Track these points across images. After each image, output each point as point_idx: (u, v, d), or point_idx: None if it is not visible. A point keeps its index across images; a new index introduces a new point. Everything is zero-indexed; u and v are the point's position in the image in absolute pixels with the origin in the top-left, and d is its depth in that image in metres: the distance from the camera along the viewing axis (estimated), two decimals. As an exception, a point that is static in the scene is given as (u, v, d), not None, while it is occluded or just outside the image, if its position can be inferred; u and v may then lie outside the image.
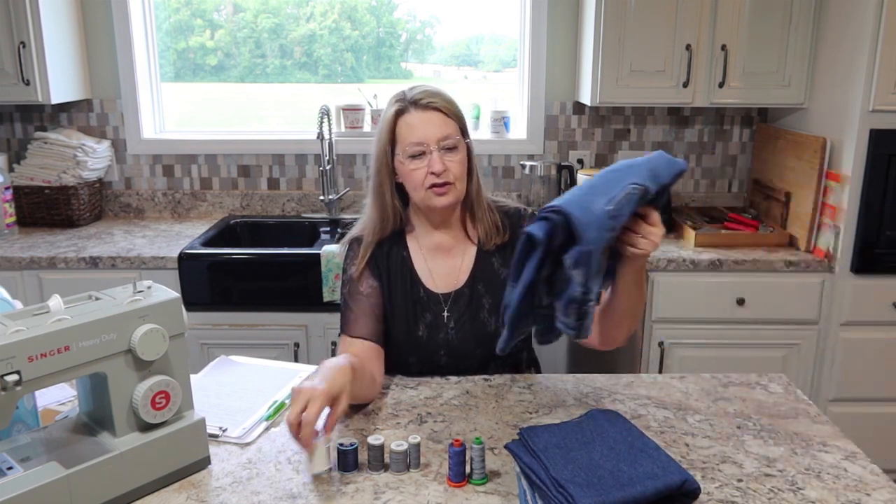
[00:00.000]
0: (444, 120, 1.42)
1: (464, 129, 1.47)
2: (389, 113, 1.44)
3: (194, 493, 1.09)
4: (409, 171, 1.42)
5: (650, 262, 2.30)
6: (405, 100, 1.43)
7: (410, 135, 1.41)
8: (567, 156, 2.86)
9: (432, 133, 1.40)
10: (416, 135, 1.41)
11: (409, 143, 1.41)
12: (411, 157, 1.41)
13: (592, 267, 1.12)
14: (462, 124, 1.46)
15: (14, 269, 2.31)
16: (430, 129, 1.41)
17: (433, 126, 1.41)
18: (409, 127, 1.42)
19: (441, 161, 1.40)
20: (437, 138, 1.40)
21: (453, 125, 1.43)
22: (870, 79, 2.16)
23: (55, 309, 1.01)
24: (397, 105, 1.43)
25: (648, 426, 1.28)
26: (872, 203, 2.25)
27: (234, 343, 2.34)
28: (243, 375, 1.48)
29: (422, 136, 1.40)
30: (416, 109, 1.42)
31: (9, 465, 0.99)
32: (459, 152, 1.43)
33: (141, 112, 2.82)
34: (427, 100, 1.42)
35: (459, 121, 1.45)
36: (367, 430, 1.27)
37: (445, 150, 1.41)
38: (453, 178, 1.42)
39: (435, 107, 1.42)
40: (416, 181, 1.42)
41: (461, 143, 1.44)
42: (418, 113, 1.42)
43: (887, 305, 2.33)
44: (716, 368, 2.33)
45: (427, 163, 1.41)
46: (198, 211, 2.91)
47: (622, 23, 2.43)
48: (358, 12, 3.03)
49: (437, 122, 1.41)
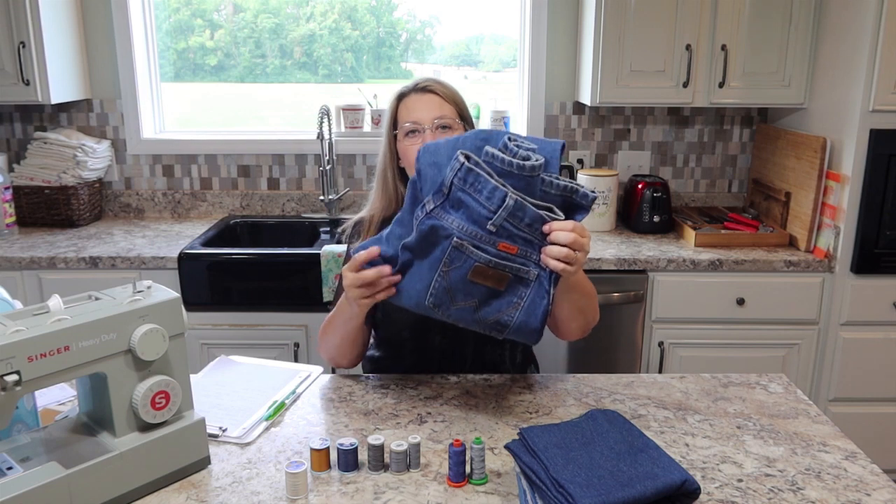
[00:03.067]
0: (440, 102, 1.49)
1: (464, 115, 1.53)
2: (393, 98, 1.54)
3: (194, 493, 1.09)
4: (405, 149, 1.49)
5: (650, 261, 2.30)
6: (407, 85, 1.54)
7: (407, 114, 1.50)
8: (567, 156, 2.86)
9: (427, 113, 1.48)
10: (412, 114, 1.49)
11: (406, 122, 1.49)
12: (406, 134, 1.49)
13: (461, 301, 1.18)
14: (461, 111, 1.53)
15: (14, 269, 2.31)
16: (425, 110, 1.48)
17: (429, 107, 1.49)
18: (406, 108, 1.51)
19: (434, 138, 1.45)
20: (432, 118, 1.47)
21: (450, 108, 1.50)
22: (870, 79, 2.16)
23: (55, 309, 1.01)
24: (400, 89, 1.53)
25: (648, 426, 1.28)
26: (872, 203, 2.25)
27: (234, 343, 2.34)
28: (243, 375, 1.48)
29: (417, 116, 1.48)
30: (414, 93, 1.51)
31: (9, 465, 0.99)
32: (455, 132, 1.48)
33: (141, 112, 2.82)
34: (425, 83, 1.51)
35: (458, 106, 1.52)
36: (367, 430, 1.27)
37: (440, 128, 1.48)
38: None
39: (431, 90, 1.50)
40: (410, 158, 1.47)
41: (457, 125, 1.49)
42: (416, 95, 1.51)
43: (887, 305, 2.33)
44: (716, 368, 2.34)
45: (421, 140, 1.46)
46: (198, 211, 2.91)
47: (622, 23, 2.43)
48: (358, 12, 3.03)
49: (434, 103, 1.49)
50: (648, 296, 2.34)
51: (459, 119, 1.51)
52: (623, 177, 2.81)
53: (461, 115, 1.52)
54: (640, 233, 2.61)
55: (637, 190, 2.63)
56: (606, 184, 2.60)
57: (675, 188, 2.89)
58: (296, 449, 1.21)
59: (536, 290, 1.19)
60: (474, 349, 1.53)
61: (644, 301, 2.34)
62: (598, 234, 2.61)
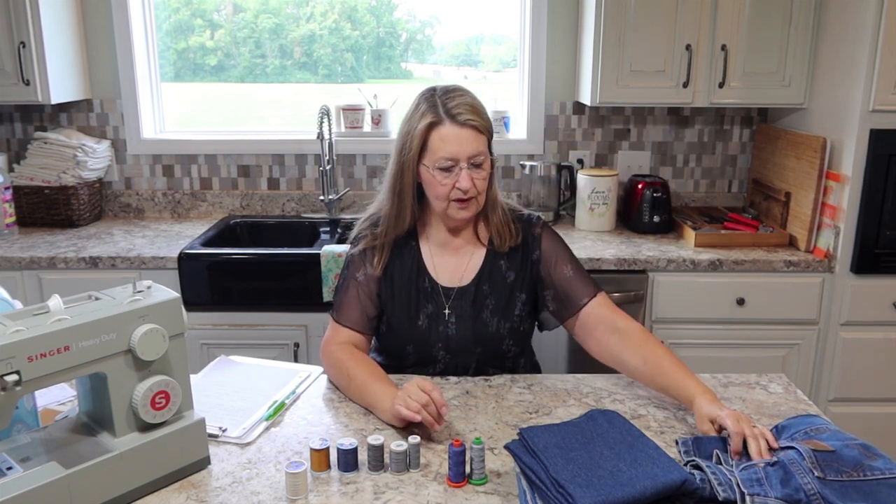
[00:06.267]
0: (476, 137, 1.42)
1: (490, 142, 1.47)
2: (424, 123, 1.41)
3: (194, 493, 1.09)
4: (435, 182, 1.43)
5: (650, 261, 2.30)
6: (441, 109, 1.41)
7: (442, 148, 1.41)
8: (567, 156, 2.86)
9: (464, 150, 1.41)
10: (447, 149, 1.40)
11: (441, 157, 1.41)
12: (440, 169, 1.42)
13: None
14: (490, 138, 1.47)
15: (14, 269, 2.31)
16: (462, 146, 1.40)
17: (466, 143, 1.41)
18: (441, 140, 1.41)
19: (469, 178, 1.41)
20: (469, 155, 1.41)
21: (483, 141, 1.44)
22: (870, 79, 2.16)
23: (55, 309, 1.01)
24: (432, 116, 1.41)
25: (648, 426, 1.28)
26: (872, 203, 2.25)
27: (234, 343, 2.34)
28: (243, 375, 1.48)
29: (454, 151, 1.40)
30: (451, 124, 1.40)
31: (9, 465, 0.99)
32: (485, 168, 1.45)
33: (141, 112, 2.82)
34: (465, 116, 1.40)
35: (489, 135, 1.46)
36: (367, 430, 1.27)
37: (473, 166, 1.42)
38: (476, 194, 1.44)
39: (472, 125, 1.41)
40: (440, 193, 1.44)
41: (488, 159, 1.45)
42: (454, 128, 1.40)
43: (887, 305, 2.33)
44: (716, 368, 2.33)
45: (454, 177, 1.42)
46: (198, 211, 2.91)
47: (622, 23, 2.43)
48: (358, 12, 3.03)
49: (471, 139, 1.41)
50: (648, 296, 2.34)
51: (488, 145, 1.46)
52: (623, 177, 2.81)
53: (489, 140, 1.46)
54: (640, 233, 2.61)
55: (637, 190, 2.63)
56: (606, 184, 2.60)
57: (675, 188, 2.89)
58: (296, 449, 1.21)
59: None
60: (477, 365, 1.53)
61: (644, 301, 2.34)
62: (598, 234, 2.61)
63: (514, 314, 1.52)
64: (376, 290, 1.53)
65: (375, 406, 1.31)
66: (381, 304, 1.54)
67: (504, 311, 1.51)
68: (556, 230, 1.60)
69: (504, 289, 1.52)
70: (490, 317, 1.51)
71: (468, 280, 1.52)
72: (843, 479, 1.01)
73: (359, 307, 1.52)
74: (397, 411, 1.21)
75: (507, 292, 1.52)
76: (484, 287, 1.52)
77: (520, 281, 1.52)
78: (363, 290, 1.52)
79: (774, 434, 1.16)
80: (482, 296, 1.51)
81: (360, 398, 1.36)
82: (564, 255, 1.54)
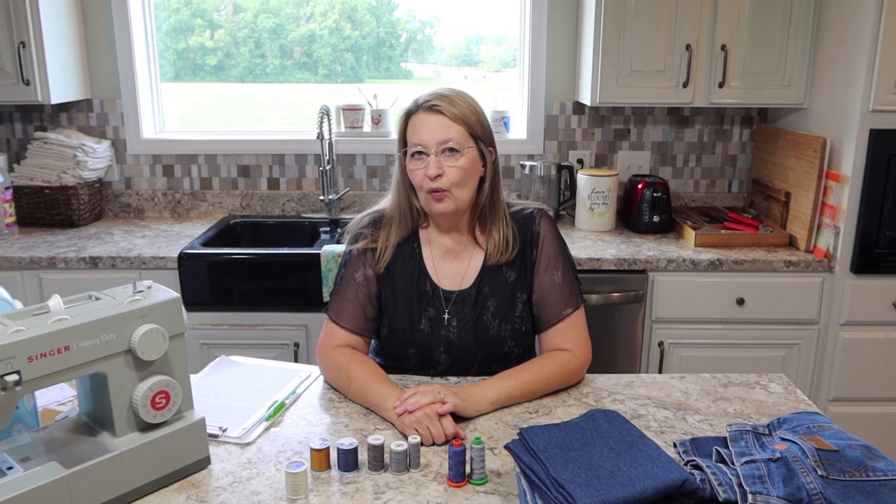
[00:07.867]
0: (446, 123, 1.42)
1: (476, 135, 1.45)
2: (402, 115, 1.48)
3: (194, 493, 1.09)
4: (411, 172, 1.45)
5: (650, 261, 2.30)
6: (418, 101, 1.46)
7: (413, 136, 1.44)
8: (567, 156, 2.86)
9: (431, 136, 1.41)
10: (417, 136, 1.43)
11: (412, 144, 1.44)
12: (412, 156, 1.44)
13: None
14: (473, 130, 1.44)
15: (14, 269, 2.31)
16: (432, 133, 1.42)
17: (436, 130, 1.42)
18: (413, 128, 1.45)
19: (437, 164, 1.41)
20: (437, 141, 1.41)
21: (458, 130, 1.42)
22: (870, 79, 2.16)
23: (55, 309, 1.01)
24: (409, 107, 1.47)
25: (648, 426, 1.28)
26: (872, 203, 2.25)
27: (234, 343, 2.34)
28: (243, 375, 1.48)
29: (421, 137, 1.42)
30: (421, 111, 1.44)
31: (9, 465, 0.99)
32: (462, 157, 1.42)
33: (141, 112, 2.82)
34: (433, 102, 1.43)
35: (469, 126, 1.43)
36: (367, 430, 1.27)
37: (445, 152, 1.41)
38: (448, 185, 1.42)
39: (438, 110, 1.42)
40: (416, 182, 1.45)
41: (466, 148, 1.43)
42: (423, 115, 1.44)
43: (887, 305, 2.33)
44: (716, 368, 2.34)
45: (425, 165, 1.42)
46: (198, 211, 2.91)
47: (622, 23, 2.43)
48: (358, 12, 3.03)
49: (439, 125, 1.42)
50: (648, 296, 2.34)
51: (472, 139, 1.44)
52: (623, 177, 2.81)
53: (473, 133, 1.44)
54: (640, 233, 2.61)
55: (637, 190, 2.63)
56: (606, 184, 2.60)
57: (675, 188, 2.89)
58: (296, 449, 1.21)
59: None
60: (479, 366, 1.53)
61: (644, 301, 2.35)
62: (598, 233, 2.61)
63: (514, 315, 1.51)
64: (376, 292, 1.53)
65: (378, 406, 1.31)
66: (381, 306, 1.53)
67: (505, 312, 1.51)
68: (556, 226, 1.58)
69: (505, 290, 1.51)
70: (491, 319, 1.50)
71: (469, 283, 1.52)
72: (846, 479, 1.01)
73: (358, 308, 1.51)
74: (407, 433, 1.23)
75: (508, 293, 1.51)
76: (484, 289, 1.51)
77: (520, 281, 1.52)
78: (362, 292, 1.51)
79: (773, 426, 1.16)
80: (483, 298, 1.51)
81: (361, 399, 1.36)
82: (557, 261, 1.52)
